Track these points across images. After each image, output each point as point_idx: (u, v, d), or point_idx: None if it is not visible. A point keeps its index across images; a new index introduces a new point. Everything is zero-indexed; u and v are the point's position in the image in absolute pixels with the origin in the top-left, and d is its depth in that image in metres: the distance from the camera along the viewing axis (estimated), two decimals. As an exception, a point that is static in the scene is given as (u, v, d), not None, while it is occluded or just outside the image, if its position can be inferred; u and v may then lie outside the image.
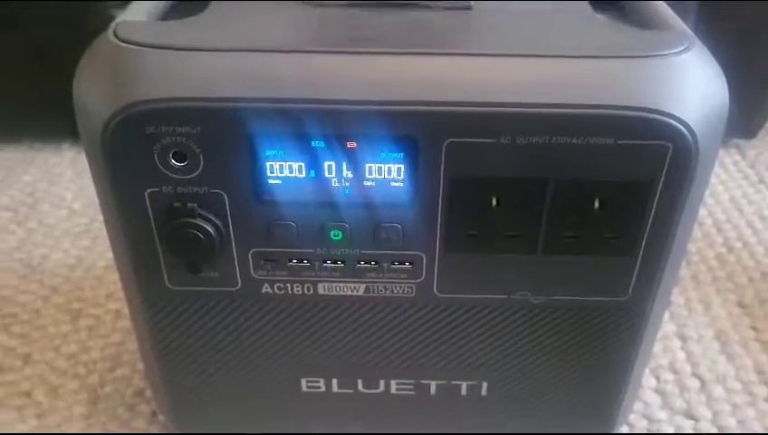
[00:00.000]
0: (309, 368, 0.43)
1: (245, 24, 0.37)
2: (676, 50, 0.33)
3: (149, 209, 0.36)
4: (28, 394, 0.54)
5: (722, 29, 0.50)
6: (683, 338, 0.60)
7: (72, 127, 0.97)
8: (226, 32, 0.36)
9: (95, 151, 0.34)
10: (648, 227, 0.36)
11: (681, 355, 0.58)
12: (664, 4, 0.39)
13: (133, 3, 0.39)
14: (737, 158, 0.87)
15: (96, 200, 0.80)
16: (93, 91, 0.34)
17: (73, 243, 0.71)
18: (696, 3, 0.75)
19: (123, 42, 0.34)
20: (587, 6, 0.39)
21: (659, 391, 0.55)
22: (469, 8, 0.38)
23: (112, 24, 0.35)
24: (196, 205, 0.36)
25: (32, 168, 0.84)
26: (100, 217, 0.74)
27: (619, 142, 0.33)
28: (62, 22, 0.78)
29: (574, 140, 0.33)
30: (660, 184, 0.35)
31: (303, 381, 0.44)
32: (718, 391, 0.55)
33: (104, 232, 0.72)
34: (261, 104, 0.33)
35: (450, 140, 0.33)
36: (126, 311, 0.62)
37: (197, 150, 0.34)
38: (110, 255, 0.69)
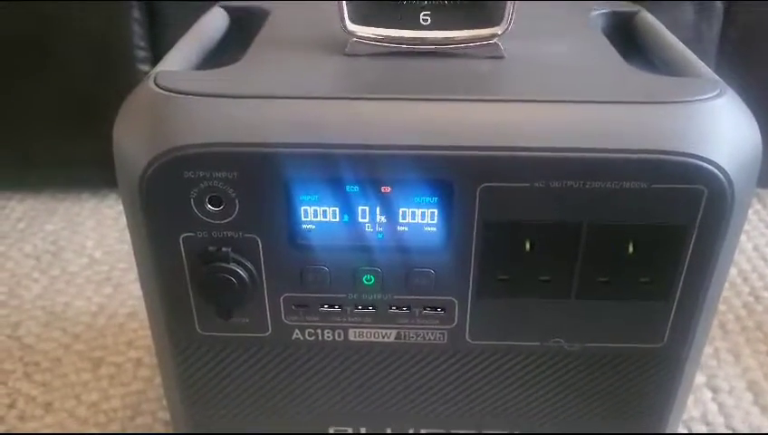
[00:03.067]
0: (337, 416, 0.43)
1: (281, 73, 0.38)
2: (709, 95, 0.34)
3: (183, 254, 0.36)
4: (49, 444, 0.54)
5: (741, 76, 0.50)
6: (714, 389, 0.58)
7: (93, 177, 0.98)
8: (263, 80, 0.37)
9: (133, 196, 0.35)
10: (684, 271, 0.36)
11: (713, 407, 0.57)
12: (691, 53, 0.40)
13: (169, 53, 0.40)
14: (758, 207, 0.87)
15: (116, 248, 0.81)
16: (133, 137, 0.34)
17: (95, 290, 0.71)
18: (715, 51, 0.76)
19: (163, 89, 0.35)
20: (617, 55, 0.40)
21: (693, 444, 0.53)
22: (502, 57, 0.38)
23: (152, 73, 0.36)
24: (230, 249, 0.36)
25: (54, 217, 0.85)
26: (121, 265, 0.75)
27: (654, 186, 0.33)
28: (88, 76, 0.80)
29: (608, 185, 0.33)
30: (695, 228, 0.34)
31: (332, 430, 0.44)
32: (753, 443, 0.53)
33: (125, 280, 0.73)
34: (297, 149, 0.33)
35: (485, 184, 0.34)
36: (147, 359, 0.62)
37: (233, 195, 0.35)
38: (131, 302, 0.69)
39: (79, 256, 0.77)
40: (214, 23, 0.46)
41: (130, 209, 0.36)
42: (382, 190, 0.35)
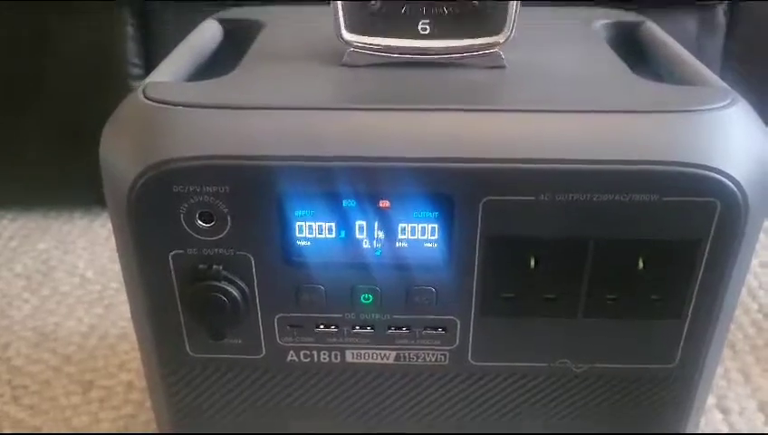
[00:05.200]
0: (335, 442, 0.41)
1: (275, 83, 0.36)
2: (721, 104, 0.32)
3: (173, 272, 0.35)
4: (35, 470, 0.52)
5: (745, 89, 0.49)
6: (724, 410, 0.57)
7: (85, 196, 0.96)
8: (256, 90, 0.35)
9: (120, 211, 0.33)
10: (696, 287, 0.34)
11: (724, 428, 0.55)
12: (699, 62, 0.39)
13: (160, 65, 0.39)
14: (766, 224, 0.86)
15: (108, 268, 0.79)
16: (121, 150, 0.33)
17: (87, 311, 0.69)
18: (718, 65, 0.75)
19: (152, 101, 0.33)
20: (623, 64, 0.39)
21: (704, 468, 0.52)
22: (503, 66, 0.37)
23: (141, 85, 0.35)
24: (221, 267, 0.34)
25: (46, 235, 0.84)
26: (112, 285, 0.73)
27: (665, 199, 0.32)
28: (82, 94, 0.79)
29: (617, 198, 0.32)
30: (708, 242, 0.33)
31: (328, 456, 0.42)
32: (767, 467, 0.51)
33: (116, 300, 0.71)
34: (292, 162, 0.32)
35: (488, 198, 0.32)
36: (138, 382, 0.60)
37: (225, 211, 0.33)
38: (122, 323, 0.68)
39: (70, 276, 0.75)
40: (207, 35, 0.45)
41: (118, 225, 0.34)
42: (380, 205, 0.33)
